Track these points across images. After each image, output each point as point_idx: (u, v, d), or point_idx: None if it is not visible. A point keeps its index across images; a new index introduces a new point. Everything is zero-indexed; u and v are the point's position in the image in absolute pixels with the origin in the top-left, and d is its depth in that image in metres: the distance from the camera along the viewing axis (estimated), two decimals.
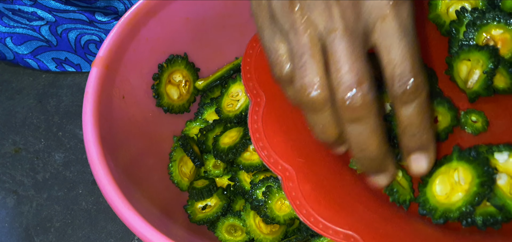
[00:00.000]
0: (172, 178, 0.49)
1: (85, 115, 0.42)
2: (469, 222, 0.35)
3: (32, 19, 0.62)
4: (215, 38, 0.54)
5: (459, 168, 0.36)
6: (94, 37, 0.63)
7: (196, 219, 0.48)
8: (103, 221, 0.53)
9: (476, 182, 0.34)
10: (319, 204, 0.34)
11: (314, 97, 0.31)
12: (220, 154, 0.47)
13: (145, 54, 0.49)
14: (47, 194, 0.56)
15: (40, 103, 0.62)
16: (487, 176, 0.34)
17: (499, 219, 0.35)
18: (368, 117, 0.31)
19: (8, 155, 0.59)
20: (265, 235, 0.45)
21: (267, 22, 0.33)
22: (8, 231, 0.53)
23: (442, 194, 0.36)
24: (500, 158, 0.36)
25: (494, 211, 0.35)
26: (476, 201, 0.34)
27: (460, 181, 0.35)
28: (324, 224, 0.34)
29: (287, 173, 0.36)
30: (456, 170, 0.36)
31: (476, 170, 0.35)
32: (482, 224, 0.35)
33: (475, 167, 0.35)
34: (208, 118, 0.52)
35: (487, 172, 0.34)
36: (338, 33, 0.30)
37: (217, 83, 0.53)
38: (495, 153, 0.36)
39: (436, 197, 0.36)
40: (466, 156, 0.35)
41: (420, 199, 0.36)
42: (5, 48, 0.63)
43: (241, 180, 0.47)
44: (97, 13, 0.62)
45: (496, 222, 0.35)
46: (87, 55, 0.64)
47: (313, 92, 0.31)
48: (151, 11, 0.48)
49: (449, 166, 0.36)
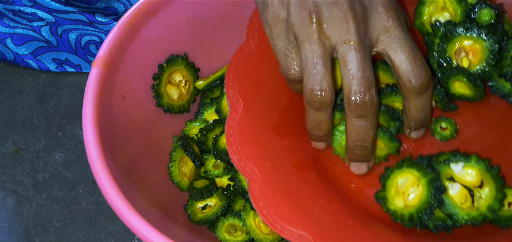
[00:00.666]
0: (172, 178, 0.49)
1: (85, 115, 0.42)
2: (423, 225, 0.37)
3: (32, 20, 0.62)
4: (215, 38, 0.54)
5: (411, 175, 0.38)
6: (95, 38, 0.63)
7: (196, 219, 0.48)
8: (103, 221, 0.53)
9: (426, 192, 0.37)
10: (279, 206, 0.37)
11: (323, 99, 0.37)
12: (220, 154, 0.47)
13: (145, 54, 0.49)
14: (47, 194, 0.56)
15: (40, 103, 0.62)
16: (436, 188, 0.36)
17: (450, 224, 0.37)
18: (372, 114, 0.38)
19: (8, 155, 0.59)
20: (265, 235, 0.45)
21: (283, 32, 0.39)
22: (8, 231, 0.53)
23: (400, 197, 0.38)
24: (456, 168, 0.38)
25: (445, 217, 0.37)
26: (427, 211, 0.36)
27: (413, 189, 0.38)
28: (281, 224, 0.36)
29: (254, 175, 0.38)
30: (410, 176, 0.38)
31: (427, 180, 0.37)
32: (434, 228, 0.37)
33: (426, 178, 0.37)
34: (208, 118, 0.52)
35: (434, 185, 0.36)
36: (352, 45, 0.37)
37: (217, 83, 0.53)
38: (452, 163, 0.38)
39: (394, 199, 0.38)
40: (417, 164, 0.38)
41: (379, 194, 0.39)
42: (5, 48, 0.63)
43: (241, 180, 0.47)
44: (97, 14, 0.63)
45: (447, 227, 0.37)
46: (88, 55, 0.64)
47: (323, 95, 0.37)
48: (151, 11, 0.48)
49: (403, 171, 0.38)
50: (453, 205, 0.37)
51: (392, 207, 0.38)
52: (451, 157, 0.38)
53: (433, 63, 0.43)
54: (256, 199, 0.37)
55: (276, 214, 0.37)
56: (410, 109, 0.40)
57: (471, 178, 0.37)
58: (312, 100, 0.38)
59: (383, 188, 0.39)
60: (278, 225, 0.36)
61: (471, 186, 0.37)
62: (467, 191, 0.37)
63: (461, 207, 0.37)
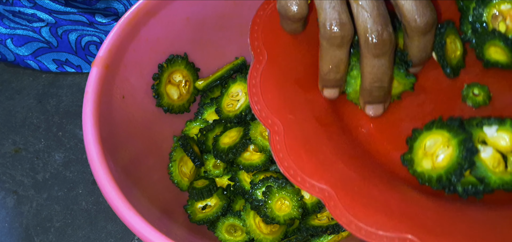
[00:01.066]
0: (172, 178, 0.49)
1: (85, 115, 0.42)
2: (451, 189, 0.36)
3: (32, 20, 0.62)
4: (215, 38, 0.54)
5: (441, 136, 0.37)
6: (95, 39, 0.63)
7: (196, 219, 0.48)
8: (103, 221, 0.53)
9: (456, 153, 0.36)
10: (301, 158, 0.36)
11: (344, 33, 0.37)
12: (220, 154, 0.47)
13: (145, 54, 0.49)
14: (47, 194, 0.56)
15: (40, 103, 0.62)
16: (467, 149, 0.35)
17: (481, 189, 0.36)
18: (390, 52, 0.37)
19: (8, 155, 0.59)
20: (265, 235, 0.45)
21: None
22: (8, 231, 0.53)
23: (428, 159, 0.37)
24: (489, 131, 0.36)
25: (476, 181, 0.36)
26: (457, 172, 0.35)
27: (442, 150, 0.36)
28: (302, 177, 0.36)
29: (275, 127, 0.38)
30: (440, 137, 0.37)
31: (458, 141, 0.36)
32: (463, 192, 0.36)
33: (457, 139, 0.36)
34: (208, 118, 0.52)
35: (466, 145, 0.35)
36: None
37: (217, 83, 0.53)
38: (485, 126, 0.36)
39: (422, 160, 0.37)
40: (448, 125, 0.36)
41: (406, 156, 0.38)
42: (5, 49, 0.63)
43: (241, 180, 0.47)
44: (97, 15, 0.63)
45: (477, 192, 0.36)
46: (88, 56, 0.64)
47: (345, 29, 0.37)
48: (151, 11, 0.48)
49: (432, 132, 0.37)
50: (485, 168, 0.36)
51: (419, 169, 0.37)
52: (484, 120, 0.36)
53: (467, 29, 0.42)
54: (277, 150, 0.36)
55: (297, 166, 0.36)
56: (413, 48, 0.39)
57: (505, 142, 0.36)
58: (333, 36, 0.37)
59: (410, 150, 0.38)
60: (299, 177, 0.35)
61: (505, 151, 0.36)
62: (500, 156, 0.36)
63: (493, 171, 0.35)
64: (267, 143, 0.46)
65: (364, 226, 0.34)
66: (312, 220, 0.44)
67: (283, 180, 0.44)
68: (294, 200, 0.44)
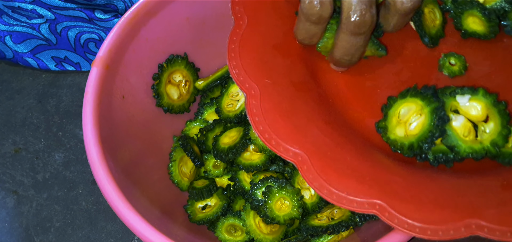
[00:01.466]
0: (172, 178, 0.49)
1: (85, 115, 0.42)
2: (423, 157, 0.37)
3: (32, 16, 0.62)
4: (215, 38, 0.54)
5: (414, 104, 0.37)
6: (94, 36, 0.63)
7: (196, 219, 0.48)
8: (103, 221, 0.53)
9: (429, 121, 0.36)
10: (276, 123, 0.37)
11: (322, 12, 0.37)
12: (220, 154, 0.47)
13: (145, 54, 0.49)
14: (47, 194, 0.56)
15: (40, 103, 0.62)
16: (439, 117, 0.36)
17: (451, 157, 0.36)
18: (368, 33, 0.38)
19: (8, 155, 0.58)
20: (265, 235, 0.45)
21: None
22: (8, 231, 0.53)
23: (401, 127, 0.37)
24: (461, 100, 0.37)
25: (447, 149, 0.36)
26: (428, 140, 0.36)
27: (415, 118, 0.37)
28: (277, 140, 0.36)
29: (252, 91, 0.38)
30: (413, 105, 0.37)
31: (430, 109, 0.36)
32: (434, 160, 0.37)
33: (430, 107, 0.36)
34: (208, 118, 0.52)
35: (438, 114, 0.36)
36: None
37: (217, 83, 0.53)
38: (458, 95, 0.37)
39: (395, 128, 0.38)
40: (421, 93, 0.37)
41: (380, 123, 0.38)
42: (4, 46, 0.63)
43: (241, 180, 0.47)
44: (97, 11, 0.62)
45: (447, 160, 0.37)
46: (87, 54, 0.64)
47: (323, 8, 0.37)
48: (151, 11, 0.48)
49: (406, 100, 0.38)
50: (455, 136, 0.36)
51: (392, 137, 0.37)
52: (458, 89, 0.37)
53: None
54: (253, 114, 0.37)
55: (272, 130, 0.36)
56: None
57: (476, 111, 0.36)
58: (310, 13, 0.37)
59: (385, 117, 0.38)
60: (273, 141, 0.36)
61: (476, 120, 0.36)
62: (471, 125, 0.36)
63: (463, 139, 0.36)
64: None
65: (335, 191, 0.35)
66: (312, 220, 0.44)
67: (283, 180, 0.44)
68: (294, 200, 0.44)
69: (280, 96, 0.38)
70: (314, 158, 0.35)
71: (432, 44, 0.42)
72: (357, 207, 0.34)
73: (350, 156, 0.37)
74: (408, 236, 0.38)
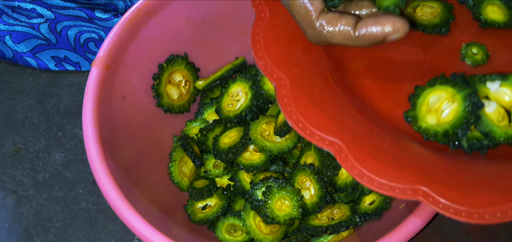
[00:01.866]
0: (172, 178, 0.49)
1: (85, 115, 0.42)
2: (456, 144, 0.36)
3: (32, 16, 0.62)
4: (215, 38, 0.54)
5: (445, 92, 0.37)
6: (94, 35, 0.63)
7: (196, 219, 0.48)
8: (103, 221, 0.53)
9: (462, 107, 0.36)
10: (309, 112, 0.36)
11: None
12: (220, 154, 0.47)
13: (145, 54, 0.49)
14: (47, 194, 0.56)
15: (40, 103, 0.62)
16: (473, 103, 0.35)
17: (485, 144, 0.36)
18: None
19: (8, 155, 0.58)
20: (265, 235, 0.45)
21: None
22: (8, 231, 0.53)
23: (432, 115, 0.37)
24: (492, 86, 0.37)
25: (481, 136, 0.36)
26: (463, 126, 0.35)
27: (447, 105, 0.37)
28: (311, 130, 0.35)
29: (281, 81, 0.37)
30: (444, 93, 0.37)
31: (463, 96, 0.36)
32: (468, 147, 0.36)
33: (462, 93, 0.36)
34: (208, 118, 0.52)
35: (472, 99, 0.35)
36: None
37: (217, 83, 0.53)
38: (488, 81, 0.37)
39: (426, 116, 0.37)
40: (451, 81, 0.37)
41: (409, 113, 0.38)
42: (4, 46, 0.63)
43: (241, 180, 0.47)
44: (97, 10, 0.62)
45: (482, 147, 0.36)
46: (87, 53, 0.64)
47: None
48: (151, 11, 0.48)
49: (435, 88, 0.37)
50: (489, 122, 0.36)
51: (423, 125, 0.37)
52: (487, 76, 0.37)
53: None
54: (285, 104, 0.36)
55: (305, 119, 0.36)
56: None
57: (508, 97, 0.36)
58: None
59: (413, 106, 0.38)
60: (308, 130, 0.35)
61: (508, 106, 0.36)
62: (504, 111, 0.36)
63: (498, 125, 0.36)
64: (267, 143, 0.46)
65: (376, 178, 0.34)
66: (312, 220, 0.44)
67: (283, 180, 0.44)
68: (294, 200, 0.44)
69: (310, 86, 0.38)
70: (351, 146, 0.35)
71: (444, 31, 0.42)
72: (399, 193, 0.34)
73: (386, 143, 0.36)
74: (408, 236, 0.38)
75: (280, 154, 0.46)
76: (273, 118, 0.48)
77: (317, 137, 0.35)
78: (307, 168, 0.45)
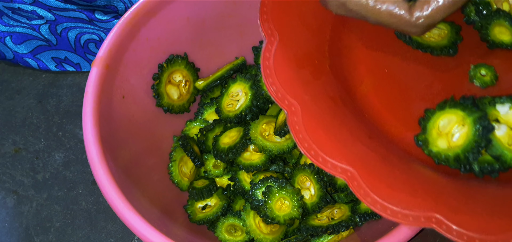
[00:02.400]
0: (172, 178, 0.49)
1: (85, 115, 0.42)
2: (467, 169, 0.36)
3: (32, 18, 0.62)
4: (215, 38, 0.54)
5: (455, 115, 0.37)
6: (94, 37, 0.63)
7: (196, 219, 0.48)
8: (103, 221, 0.53)
9: (473, 131, 0.35)
10: (320, 138, 0.36)
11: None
12: (220, 154, 0.47)
13: (145, 54, 0.49)
14: (47, 194, 0.56)
15: (40, 103, 0.62)
16: (483, 127, 0.35)
17: (497, 167, 0.36)
18: None
19: (8, 155, 0.58)
20: (265, 235, 0.45)
21: None
22: (8, 231, 0.53)
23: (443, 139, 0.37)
24: (502, 109, 0.37)
25: (492, 159, 0.36)
26: (474, 150, 0.35)
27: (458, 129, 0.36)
28: (324, 157, 0.35)
29: (292, 107, 0.37)
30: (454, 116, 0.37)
31: (473, 119, 0.36)
32: (480, 171, 0.36)
33: (472, 117, 0.36)
34: (208, 118, 0.52)
35: (482, 123, 0.35)
36: None
37: (217, 83, 0.53)
38: (497, 104, 0.37)
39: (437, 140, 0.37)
40: (461, 104, 0.37)
41: (420, 137, 0.38)
42: (4, 47, 0.63)
43: (241, 180, 0.47)
44: (97, 12, 0.62)
45: (493, 170, 0.36)
46: (87, 54, 0.64)
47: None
48: (151, 11, 0.48)
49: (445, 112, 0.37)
50: (500, 146, 0.36)
51: (434, 149, 0.37)
52: (497, 98, 0.36)
53: (470, 10, 0.42)
54: (296, 131, 0.36)
55: (317, 146, 0.35)
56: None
57: None
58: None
59: (424, 130, 0.38)
60: (320, 158, 0.35)
61: None
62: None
63: (508, 148, 0.36)
64: (267, 143, 0.46)
65: (389, 206, 0.34)
66: (312, 220, 0.44)
67: (283, 180, 0.44)
68: (294, 200, 0.44)
69: (321, 111, 0.38)
70: (364, 173, 0.35)
71: (452, 52, 0.42)
72: (413, 221, 0.34)
73: (398, 169, 0.36)
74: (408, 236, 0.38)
75: (280, 154, 0.46)
76: (273, 118, 0.48)
77: (330, 165, 0.35)
78: (307, 168, 0.45)
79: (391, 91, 0.42)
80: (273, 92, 0.38)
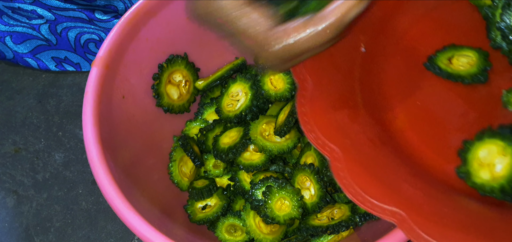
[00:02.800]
0: (172, 178, 0.49)
1: (85, 115, 0.42)
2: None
3: (32, 17, 0.62)
4: (215, 38, 0.54)
5: (495, 145, 0.36)
6: (94, 36, 0.63)
7: (196, 219, 0.48)
8: (103, 221, 0.53)
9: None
10: (366, 183, 0.36)
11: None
12: (220, 154, 0.47)
13: (145, 54, 0.49)
14: (47, 194, 0.56)
15: (40, 103, 0.62)
16: None
17: None
18: None
19: (8, 155, 0.58)
20: (265, 235, 0.45)
21: None
22: (8, 231, 0.53)
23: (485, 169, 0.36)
24: None
25: None
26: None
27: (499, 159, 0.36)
28: (371, 202, 0.35)
29: (334, 153, 0.37)
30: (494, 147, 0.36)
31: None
32: None
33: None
34: (208, 118, 0.52)
35: None
36: None
37: (217, 83, 0.53)
38: None
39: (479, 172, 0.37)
40: (500, 134, 0.36)
41: (461, 169, 0.37)
42: (4, 47, 0.63)
43: (241, 180, 0.47)
44: (97, 12, 0.62)
45: None
46: (87, 54, 0.64)
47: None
48: (151, 11, 0.48)
49: (484, 142, 0.37)
50: None
51: (478, 181, 0.36)
52: None
53: (495, 35, 0.42)
54: (341, 177, 0.36)
55: (364, 191, 0.35)
56: None
57: None
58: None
59: (464, 162, 0.37)
60: (368, 203, 0.35)
61: None
62: None
63: None
64: (267, 143, 0.46)
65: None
66: (312, 220, 0.44)
67: (283, 180, 0.44)
68: (294, 200, 0.44)
69: (362, 154, 0.38)
70: (413, 214, 0.34)
71: (483, 79, 0.42)
72: None
73: (445, 206, 0.36)
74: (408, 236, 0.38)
75: (280, 154, 0.46)
76: (273, 118, 0.48)
77: (378, 208, 0.35)
78: (307, 168, 0.45)
79: (426, 124, 0.41)
80: (313, 139, 0.37)
